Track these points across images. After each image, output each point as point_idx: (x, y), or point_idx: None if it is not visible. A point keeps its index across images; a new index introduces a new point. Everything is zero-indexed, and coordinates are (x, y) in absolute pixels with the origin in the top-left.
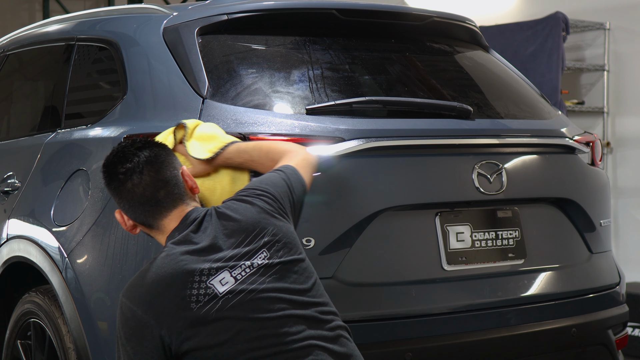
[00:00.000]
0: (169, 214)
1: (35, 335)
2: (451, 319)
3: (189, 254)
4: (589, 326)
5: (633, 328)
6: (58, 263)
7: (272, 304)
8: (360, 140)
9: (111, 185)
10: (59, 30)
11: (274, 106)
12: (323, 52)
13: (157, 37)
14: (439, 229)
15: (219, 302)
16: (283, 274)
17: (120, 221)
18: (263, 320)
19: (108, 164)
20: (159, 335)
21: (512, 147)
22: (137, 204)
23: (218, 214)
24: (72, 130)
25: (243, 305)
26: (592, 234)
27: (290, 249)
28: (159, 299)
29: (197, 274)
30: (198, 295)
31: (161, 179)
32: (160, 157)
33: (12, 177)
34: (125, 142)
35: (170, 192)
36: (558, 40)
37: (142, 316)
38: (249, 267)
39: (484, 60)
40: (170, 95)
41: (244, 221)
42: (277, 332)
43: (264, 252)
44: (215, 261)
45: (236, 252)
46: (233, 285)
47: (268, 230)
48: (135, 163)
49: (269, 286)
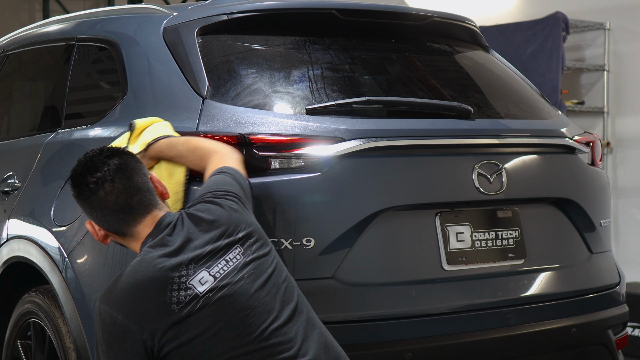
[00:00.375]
0: (142, 220)
1: (35, 335)
2: (451, 319)
3: (165, 257)
4: (589, 326)
5: (633, 328)
6: (58, 263)
7: (252, 300)
8: (360, 140)
9: (82, 196)
10: (59, 30)
11: (274, 106)
12: (323, 52)
13: (157, 37)
14: (439, 229)
15: (200, 302)
16: (258, 269)
17: (92, 232)
18: (244, 317)
19: (77, 175)
20: (141, 339)
21: (512, 147)
22: (110, 212)
23: (189, 215)
24: (72, 130)
25: (224, 303)
26: (592, 234)
27: (262, 244)
28: (139, 303)
29: (176, 276)
30: (179, 296)
31: (133, 186)
32: (129, 164)
33: (12, 177)
34: (92, 152)
35: (143, 198)
36: (558, 40)
37: (123, 321)
38: (225, 265)
39: (484, 60)
40: (170, 95)
41: (216, 220)
42: (257, 327)
43: (238, 247)
44: (191, 261)
45: (211, 249)
46: (212, 283)
47: (240, 227)
48: (105, 172)
49: (247, 282)
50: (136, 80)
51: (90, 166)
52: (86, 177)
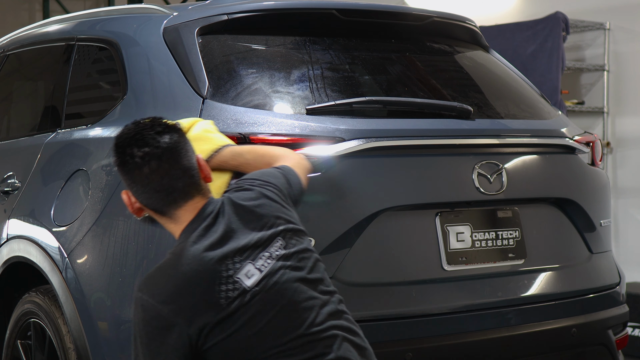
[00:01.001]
0: (184, 205)
1: (35, 335)
2: (451, 319)
3: (211, 249)
4: (589, 326)
5: (633, 328)
6: (58, 263)
7: (295, 294)
8: (360, 140)
9: (124, 167)
10: (59, 30)
11: (274, 106)
12: (323, 52)
13: (157, 37)
14: (439, 229)
15: (247, 296)
16: (299, 261)
17: (127, 203)
18: (288, 312)
19: (123, 144)
20: (187, 334)
21: (512, 147)
22: (152, 190)
23: (232, 204)
24: (72, 130)
25: (269, 297)
26: (592, 234)
27: (301, 237)
28: (187, 298)
29: (223, 269)
30: (227, 291)
31: (180, 168)
32: (179, 144)
33: (12, 177)
34: (143, 124)
35: (187, 182)
36: (558, 40)
37: (169, 315)
38: (269, 257)
39: (484, 60)
40: (171, 95)
41: (258, 210)
42: (302, 322)
43: (280, 240)
44: (236, 253)
45: (254, 242)
46: (258, 277)
47: (281, 219)
48: (154, 148)
49: (289, 276)
50: (136, 80)
51: (139, 139)
52: (133, 148)
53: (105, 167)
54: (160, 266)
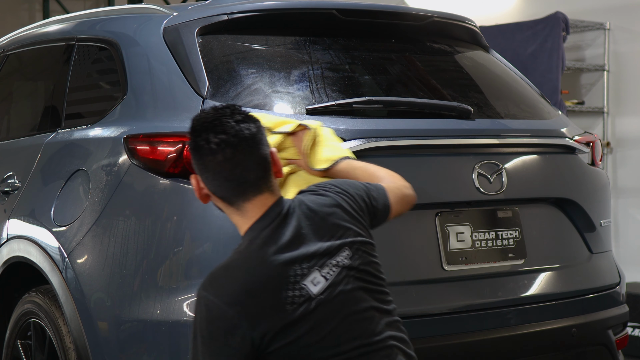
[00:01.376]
0: (253, 199)
1: (35, 335)
2: (451, 319)
3: (279, 253)
4: (589, 326)
5: (633, 328)
6: (58, 263)
7: (358, 304)
8: (360, 140)
9: (198, 152)
10: (59, 30)
11: (274, 106)
12: (323, 52)
13: (157, 37)
14: (439, 229)
15: (312, 303)
16: (363, 274)
17: (195, 187)
18: (351, 321)
19: (199, 129)
20: (250, 337)
21: (512, 147)
22: (223, 179)
23: (304, 207)
24: (72, 130)
25: (334, 305)
26: (592, 234)
27: (369, 251)
28: (254, 301)
29: (291, 275)
30: (293, 296)
31: (254, 160)
32: (257, 136)
33: (12, 177)
34: (222, 110)
35: (259, 175)
36: (558, 40)
37: (234, 317)
38: (335, 266)
39: (484, 60)
40: (171, 95)
41: (329, 217)
42: (364, 331)
43: (347, 250)
44: (304, 259)
45: (323, 249)
46: (324, 285)
47: (352, 229)
48: (231, 136)
49: (354, 286)
50: (136, 80)
51: (217, 124)
52: (209, 134)
53: (105, 167)
54: (227, 265)
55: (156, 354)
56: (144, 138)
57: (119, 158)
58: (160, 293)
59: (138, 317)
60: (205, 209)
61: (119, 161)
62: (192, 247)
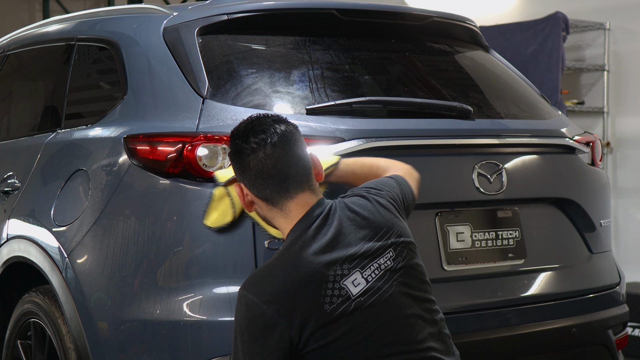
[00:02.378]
0: (295, 196)
1: (35, 335)
2: (451, 319)
3: (320, 253)
4: (589, 326)
5: (633, 328)
6: (58, 263)
7: (399, 309)
8: (360, 140)
9: (239, 155)
10: (59, 30)
11: (274, 106)
12: (323, 52)
13: (157, 37)
14: (438, 229)
15: (352, 304)
16: (407, 277)
17: (239, 195)
18: (391, 326)
19: (238, 134)
20: (288, 336)
21: (512, 147)
22: (266, 176)
23: (345, 208)
24: (72, 130)
25: (374, 308)
26: (592, 234)
27: (412, 251)
28: (293, 299)
29: (331, 274)
30: (332, 296)
31: (294, 155)
32: (295, 134)
33: (12, 177)
34: (258, 115)
35: (300, 172)
36: (558, 40)
37: (273, 315)
38: (377, 269)
39: (484, 60)
40: (171, 95)
41: (371, 218)
42: (403, 338)
43: (391, 252)
44: (346, 260)
45: (365, 250)
46: (365, 286)
47: (394, 230)
48: (270, 133)
49: (396, 290)
50: (136, 80)
51: (256, 126)
52: (249, 136)
53: (105, 167)
54: (268, 265)
55: (156, 354)
56: (144, 138)
57: (119, 158)
58: (160, 293)
59: (138, 317)
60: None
61: (119, 161)
62: (192, 247)
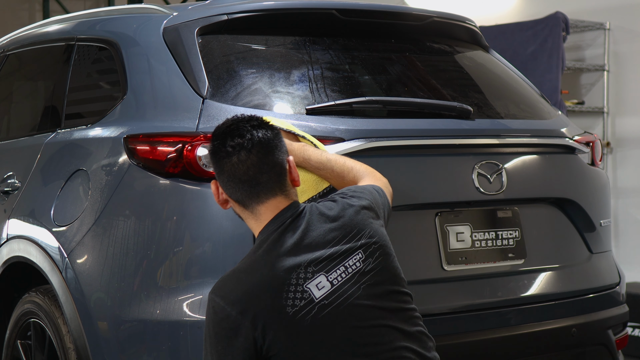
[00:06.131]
0: (266, 201)
1: (35, 335)
2: (451, 319)
3: (284, 256)
4: (589, 326)
5: (633, 328)
6: (58, 263)
7: (366, 313)
8: (360, 140)
9: (216, 155)
10: (59, 30)
11: (274, 106)
12: (323, 52)
13: (157, 37)
14: (438, 229)
15: (315, 308)
16: (376, 280)
17: (214, 193)
18: (357, 330)
19: (219, 134)
20: (252, 337)
21: (512, 147)
22: (237, 180)
23: (315, 211)
24: (72, 131)
25: (338, 312)
26: (592, 234)
27: (386, 253)
28: (255, 301)
29: (294, 277)
30: (294, 299)
31: (267, 163)
32: (272, 141)
33: (12, 177)
34: (241, 117)
35: (272, 178)
36: (558, 40)
37: (237, 317)
38: (344, 272)
39: (484, 60)
40: (170, 95)
41: (340, 220)
42: (370, 341)
43: (360, 253)
44: (310, 263)
45: (331, 253)
46: (329, 290)
47: (365, 231)
48: (247, 139)
49: (363, 293)
50: (136, 80)
51: (234, 130)
52: (227, 139)
53: (105, 167)
54: (235, 269)
55: (156, 354)
56: (144, 138)
57: (118, 158)
58: (160, 293)
59: (138, 317)
60: (205, 209)
61: (119, 161)
62: (191, 247)
